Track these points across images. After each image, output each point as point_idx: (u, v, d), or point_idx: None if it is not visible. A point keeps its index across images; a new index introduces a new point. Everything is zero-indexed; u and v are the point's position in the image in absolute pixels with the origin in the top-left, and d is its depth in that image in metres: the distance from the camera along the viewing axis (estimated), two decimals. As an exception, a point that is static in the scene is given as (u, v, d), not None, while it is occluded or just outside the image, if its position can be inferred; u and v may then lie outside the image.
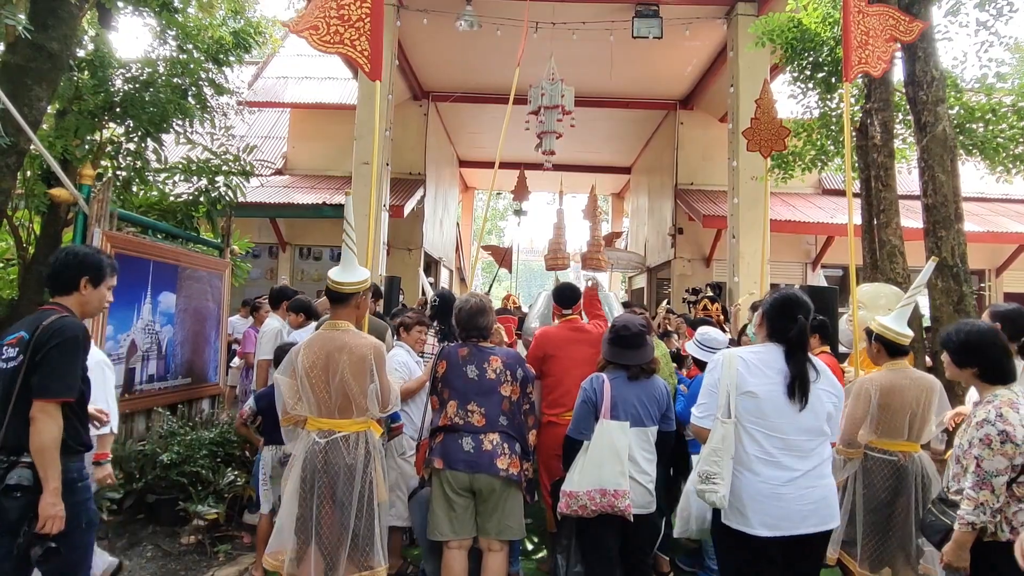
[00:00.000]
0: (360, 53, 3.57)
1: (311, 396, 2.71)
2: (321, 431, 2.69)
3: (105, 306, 2.44)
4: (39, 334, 2.13)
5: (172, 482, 4.18)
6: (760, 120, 6.52)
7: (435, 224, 14.19)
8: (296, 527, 2.64)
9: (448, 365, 3.10)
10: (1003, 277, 12.26)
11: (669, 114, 13.18)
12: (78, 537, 2.22)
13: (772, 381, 2.34)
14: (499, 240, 30.32)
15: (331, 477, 2.63)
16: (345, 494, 2.63)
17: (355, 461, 2.66)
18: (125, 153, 5.75)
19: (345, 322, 2.81)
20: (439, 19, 9.25)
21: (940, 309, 4.99)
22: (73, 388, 2.16)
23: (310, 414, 2.73)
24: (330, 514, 2.63)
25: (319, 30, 3.53)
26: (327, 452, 2.65)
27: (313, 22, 3.52)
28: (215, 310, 5.84)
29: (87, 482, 2.33)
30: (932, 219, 5.10)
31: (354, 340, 2.75)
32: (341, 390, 2.69)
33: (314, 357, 2.71)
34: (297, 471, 2.67)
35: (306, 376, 2.70)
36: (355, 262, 2.86)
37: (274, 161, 12.77)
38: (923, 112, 5.24)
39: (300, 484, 2.66)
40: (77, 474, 2.25)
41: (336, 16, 3.55)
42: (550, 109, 7.74)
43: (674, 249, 12.67)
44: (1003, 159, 6.77)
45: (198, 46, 5.86)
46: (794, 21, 6.75)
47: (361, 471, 2.67)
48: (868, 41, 4.17)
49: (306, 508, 2.64)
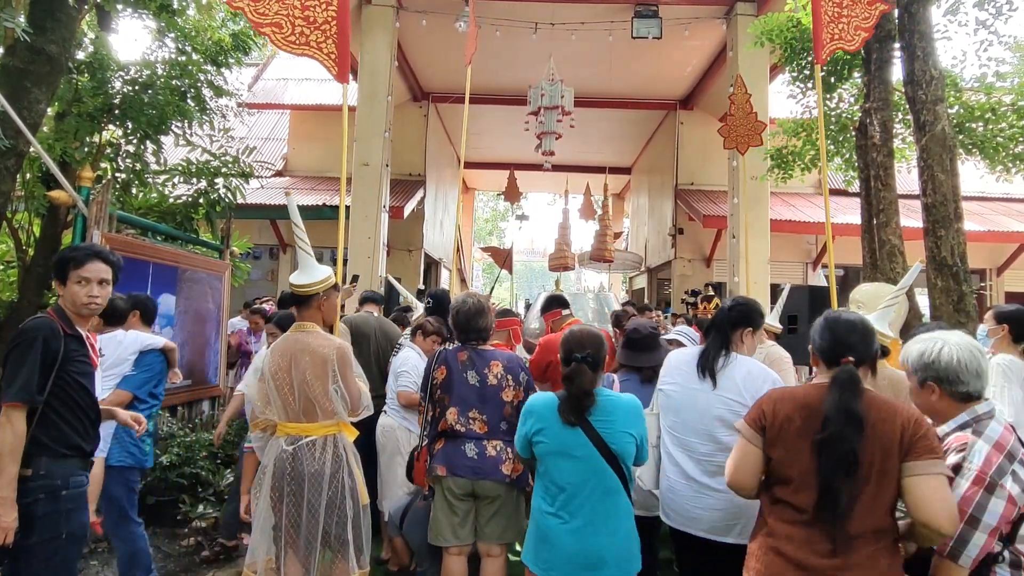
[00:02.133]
0: (327, 56, 3.49)
1: (278, 400, 2.67)
2: (289, 436, 2.66)
3: (85, 301, 2.21)
4: (10, 340, 2.12)
5: (172, 484, 4.18)
6: (735, 116, 6.47)
7: (435, 225, 14.20)
8: (273, 536, 2.63)
9: (448, 371, 3.02)
10: (1004, 276, 12.25)
11: (669, 114, 13.18)
12: (56, 549, 2.06)
13: (687, 377, 2.46)
14: (500, 241, 30.31)
15: (299, 483, 2.60)
16: (314, 500, 2.59)
17: (322, 467, 2.62)
18: (124, 155, 5.76)
19: (311, 323, 2.77)
20: (438, 20, 9.26)
21: (940, 309, 4.98)
22: (26, 390, 2.03)
23: (278, 419, 2.70)
24: (301, 521, 2.59)
25: (282, 28, 3.42)
26: (294, 458, 2.62)
27: (275, 19, 3.41)
28: (215, 312, 5.84)
29: (77, 491, 2.16)
30: (932, 218, 5.09)
31: (316, 341, 2.71)
32: (304, 392, 2.65)
33: (279, 360, 2.68)
34: (268, 479, 2.64)
35: (272, 379, 2.67)
36: (313, 263, 2.81)
37: (274, 163, 12.79)
38: (922, 111, 5.23)
39: (271, 492, 2.63)
40: (61, 481, 2.10)
41: (300, 17, 3.46)
42: (550, 110, 7.75)
43: (674, 249, 12.67)
44: (1003, 158, 6.77)
45: (197, 48, 5.87)
46: (793, 21, 6.76)
47: (329, 476, 2.62)
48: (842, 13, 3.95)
49: (279, 516, 2.61)
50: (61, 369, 2.12)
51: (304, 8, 3.47)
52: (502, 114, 12.68)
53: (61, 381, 2.13)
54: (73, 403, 2.16)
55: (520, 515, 3.05)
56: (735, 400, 2.32)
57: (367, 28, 8.99)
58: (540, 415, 2.37)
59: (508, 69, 10.64)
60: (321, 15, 3.50)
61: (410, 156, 12.48)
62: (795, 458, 1.76)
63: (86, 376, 2.22)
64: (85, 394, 2.21)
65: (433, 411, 3.05)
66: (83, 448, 2.20)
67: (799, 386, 2.12)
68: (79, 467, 2.20)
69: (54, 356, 2.10)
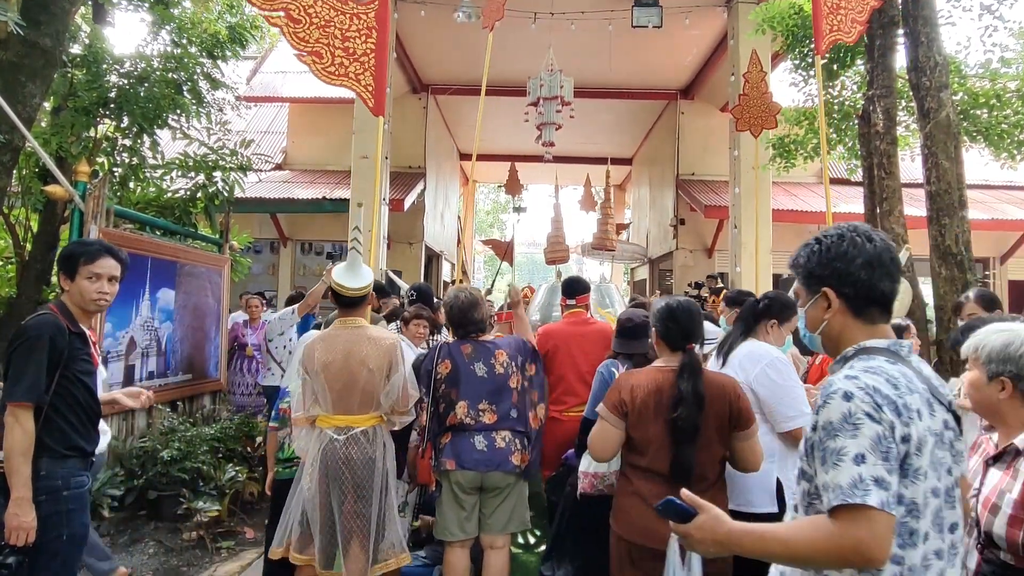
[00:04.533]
0: (364, 88, 3.61)
1: (327, 393, 2.71)
2: (338, 428, 2.71)
3: (95, 297, 2.18)
4: (12, 337, 2.07)
5: (173, 478, 4.18)
6: (749, 96, 6.15)
7: (436, 218, 14.15)
8: (320, 526, 2.66)
9: (453, 365, 2.99)
10: (1008, 265, 12.18)
11: (670, 104, 13.09)
12: (56, 550, 2.05)
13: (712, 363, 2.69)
14: (501, 234, 30.25)
15: (353, 472, 2.66)
16: (367, 486, 2.67)
17: (373, 454, 2.71)
18: (121, 149, 5.73)
19: (360, 319, 2.86)
20: (437, 11, 9.18)
21: (944, 298, 4.94)
22: (33, 390, 2.00)
23: (325, 411, 2.74)
24: (368, 508, 2.67)
25: (323, 58, 3.55)
26: (347, 447, 2.67)
27: (316, 47, 3.52)
28: (215, 306, 5.82)
29: (78, 491, 2.13)
30: (935, 207, 5.04)
31: (375, 333, 2.80)
32: (366, 383, 2.70)
33: (329, 354, 2.73)
34: (317, 471, 2.68)
35: (322, 372, 2.70)
36: (360, 263, 2.91)
37: (273, 156, 12.73)
38: (926, 98, 5.17)
39: (320, 483, 2.66)
40: (62, 481, 2.07)
41: (341, 48, 3.57)
42: (549, 100, 7.69)
43: (676, 240, 12.62)
44: (1007, 145, 6.70)
45: (192, 40, 5.82)
46: (795, 7, 6.69)
47: (379, 463, 2.72)
48: (840, 5, 4.00)
49: (335, 504, 2.66)
50: (65, 368, 2.08)
51: (345, 39, 3.58)
52: (502, 105, 12.59)
53: (65, 380, 2.09)
54: (75, 402, 2.12)
55: (524, 505, 3.05)
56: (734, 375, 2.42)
57: (365, 19, 8.92)
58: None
59: (508, 60, 10.55)
60: (361, 47, 3.63)
61: (410, 149, 12.42)
62: (651, 433, 2.14)
63: (88, 375, 2.19)
64: (87, 393, 2.17)
65: (437, 406, 3.02)
66: (84, 448, 2.16)
67: (646, 370, 2.30)
68: (80, 467, 2.16)
69: (59, 355, 2.06)
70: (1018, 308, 9.41)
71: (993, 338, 1.79)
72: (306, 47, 3.52)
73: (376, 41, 3.65)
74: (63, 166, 4.73)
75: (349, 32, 3.60)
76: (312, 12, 3.55)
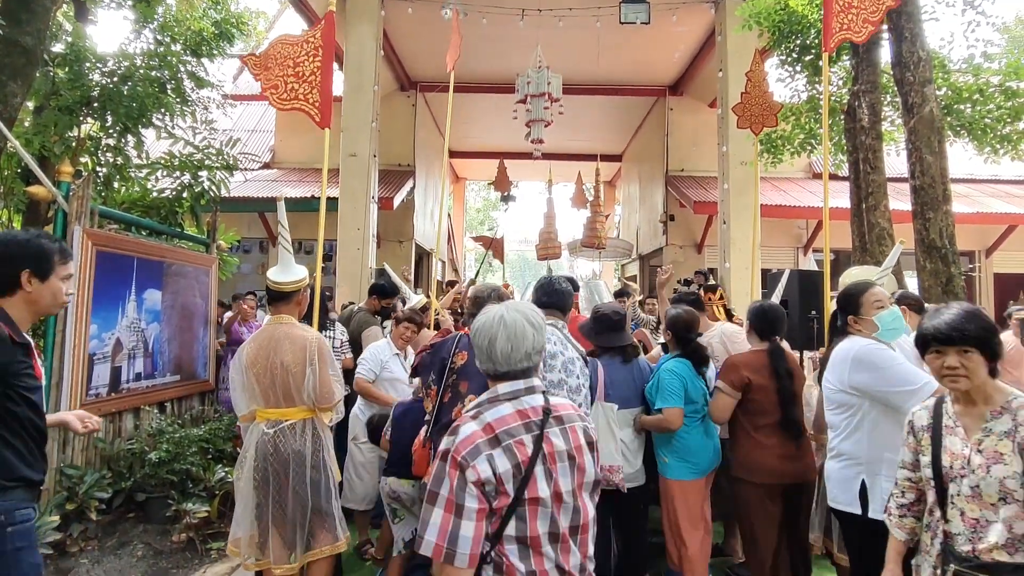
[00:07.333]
0: (312, 105, 3.91)
1: (256, 388, 2.84)
2: (269, 421, 2.82)
3: (64, 300, 1.95)
4: None
5: (162, 480, 4.15)
6: (751, 95, 6.19)
7: (426, 215, 14.11)
8: (256, 514, 2.79)
9: (469, 357, 2.89)
10: (992, 258, 12.32)
11: (658, 100, 13.12)
12: None
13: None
14: (493, 232, 30.20)
15: (283, 464, 2.77)
16: (298, 478, 2.77)
17: (303, 447, 2.81)
18: (105, 149, 5.66)
19: (287, 316, 2.96)
20: (424, 8, 9.14)
21: (929, 291, 5.00)
22: None
23: (258, 406, 2.86)
24: (287, 499, 2.76)
25: (278, 89, 3.91)
26: (276, 440, 2.78)
27: (274, 80, 3.88)
28: (203, 306, 5.78)
29: (23, 526, 1.80)
30: (920, 201, 5.10)
31: (295, 331, 2.89)
32: (283, 379, 2.82)
33: (256, 350, 2.85)
34: (249, 462, 2.81)
35: (250, 369, 2.83)
36: (292, 262, 3.06)
37: (261, 155, 12.63)
38: (910, 93, 5.22)
39: (254, 473, 2.79)
40: (5, 516, 1.75)
41: (292, 74, 3.89)
42: (537, 97, 7.69)
43: (666, 236, 12.66)
44: (991, 140, 6.78)
45: (176, 38, 5.76)
46: (781, 3, 6.72)
47: (310, 456, 2.82)
48: (852, 4, 4.01)
49: (262, 495, 2.77)
50: (7, 387, 1.77)
51: (296, 64, 3.91)
52: (491, 103, 12.58)
53: (7, 400, 1.77)
54: (20, 426, 1.80)
55: None
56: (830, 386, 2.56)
57: (352, 18, 8.86)
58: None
59: (496, 57, 10.54)
60: (309, 67, 3.93)
61: (399, 147, 12.37)
62: (766, 398, 3.00)
63: (34, 391, 1.86)
64: (34, 413, 1.85)
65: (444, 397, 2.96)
66: (30, 478, 1.84)
67: (745, 354, 3.17)
68: (27, 498, 1.83)
69: (2, 370, 1.76)
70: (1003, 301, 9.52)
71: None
72: (268, 83, 3.89)
73: (322, 59, 3.93)
74: (46, 166, 4.66)
75: (300, 57, 3.92)
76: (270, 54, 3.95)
